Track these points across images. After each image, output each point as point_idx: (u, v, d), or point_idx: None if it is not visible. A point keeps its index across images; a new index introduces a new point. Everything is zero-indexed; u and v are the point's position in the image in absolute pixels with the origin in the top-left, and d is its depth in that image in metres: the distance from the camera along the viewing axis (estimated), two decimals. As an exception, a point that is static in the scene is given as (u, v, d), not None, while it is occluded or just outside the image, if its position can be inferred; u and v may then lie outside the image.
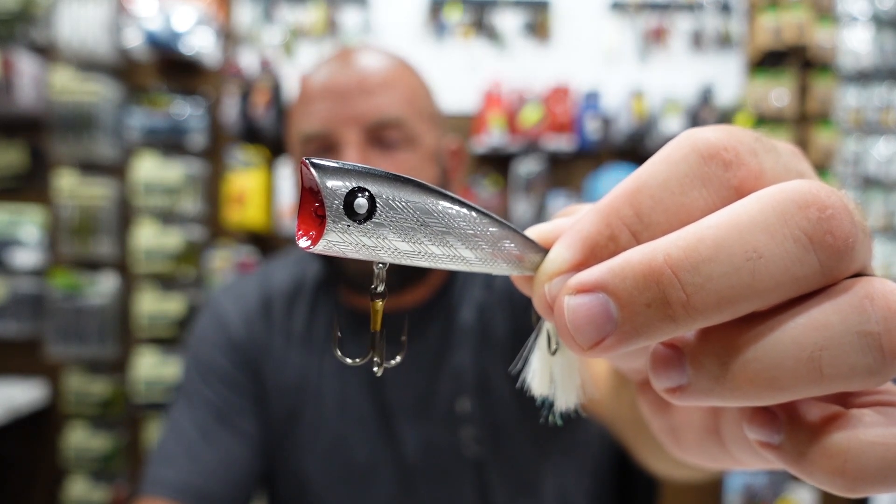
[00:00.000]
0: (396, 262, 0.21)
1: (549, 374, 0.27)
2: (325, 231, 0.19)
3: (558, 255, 0.22)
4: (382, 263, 0.21)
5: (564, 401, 0.27)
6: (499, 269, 0.23)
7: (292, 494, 0.84)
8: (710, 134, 0.21)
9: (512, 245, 0.22)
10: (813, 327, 0.18)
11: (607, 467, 0.89)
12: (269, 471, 0.85)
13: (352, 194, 0.19)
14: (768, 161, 0.21)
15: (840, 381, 0.19)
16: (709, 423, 0.28)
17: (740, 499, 2.38)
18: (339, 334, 0.24)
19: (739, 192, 0.20)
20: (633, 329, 0.19)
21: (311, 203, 0.20)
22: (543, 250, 0.23)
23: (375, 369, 0.24)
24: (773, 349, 0.19)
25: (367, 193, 0.19)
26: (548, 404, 0.27)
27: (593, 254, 0.21)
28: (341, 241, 0.19)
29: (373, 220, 0.20)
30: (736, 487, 2.38)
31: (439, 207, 0.21)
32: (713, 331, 0.20)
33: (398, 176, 0.20)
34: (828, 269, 0.19)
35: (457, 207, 0.21)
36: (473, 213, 0.22)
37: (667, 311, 0.18)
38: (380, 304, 0.23)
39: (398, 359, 0.24)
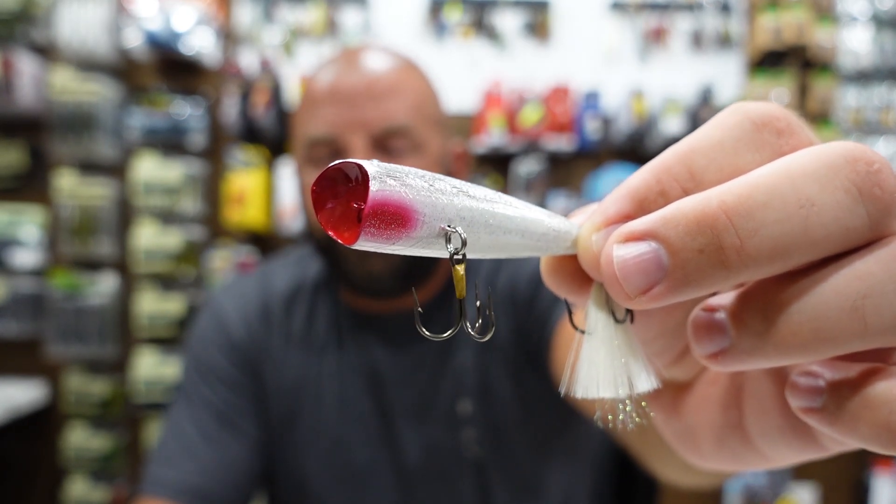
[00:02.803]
0: (462, 223, 0.20)
1: (614, 362, 0.24)
2: (369, 173, 0.18)
3: (608, 207, 0.22)
4: (453, 227, 0.20)
5: (641, 384, 0.24)
6: (538, 241, 0.22)
7: (292, 495, 0.84)
8: (763, 105, 0.22)
9: (549, 215, 0.22)
10: (855, 276, 0.18)
11: (607, 468, 0.89)
12: (268, 471, 0.85)
13: (380, 168, 0.18)
14: (813, 136, 0.22)
15: (884, 332, 0.18)
16: (731, 417, 0.27)
17: (740, 499, 2.38)
18: (419, 310, 0.23)
19: None
20: (683, 276, 0.19)
21: (336, 211, 0.19)
22: (576, 227, 0.23)
23: (476, 337, 0.23)
24: (816, 300, 0.19)
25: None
26: (623, 401, 0.25)
27: (642, 208, 0.21)
28: (389, 185, 0.18)
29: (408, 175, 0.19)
30: (736, 487, 2.38)
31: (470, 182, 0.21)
32: (756, 287, 0.20)
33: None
34: (875, 222, 0.19)
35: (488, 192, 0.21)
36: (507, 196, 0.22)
37: (720, 257, 0.18)
38: (461, 268, 0.21)
39: (480, 322, 0.23)
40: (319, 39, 2.48)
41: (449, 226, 0.19)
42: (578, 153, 2.49)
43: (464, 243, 0.20)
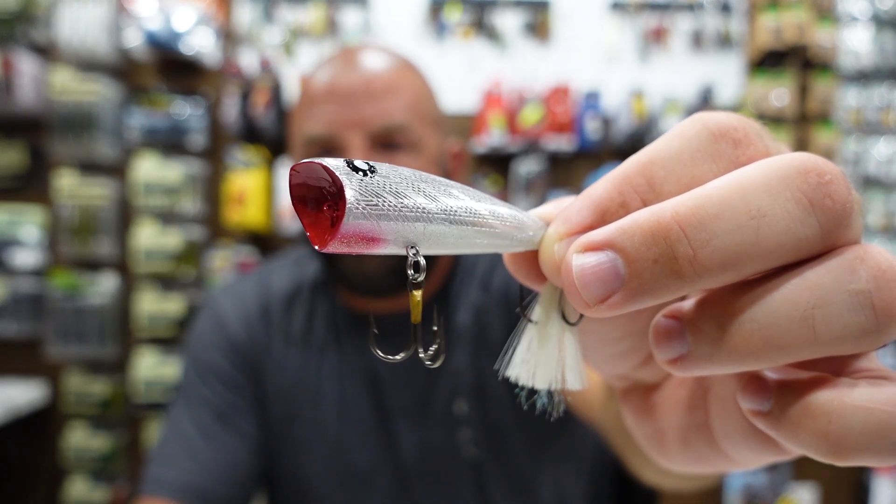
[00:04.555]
0: (425, 241, 0.21)
1: (551, 356, 0.26)
2: (347, 199, 0.19)
3: (570, 217, 0.22)
4: (415, 249, 0.21)
5: (572, 383, 0.26)
6: (503, 241, 0.23)
7: (291, 495, 0.84)
8: (721, 115, 0.22)
9: (513, 216, 0.23)
10: (805, 287, 0.19)
11: (605, 470, 0.89)
12: (268, 471, 0.85)
13: (349, 162, 0.20)
14: (773, 147, 0.22)
15: (834, 341, 0.19)
16: (697, 418, 0.28)
17: (740, 499, 2.38)
18: (375, 331, 0.24)
19: None
20: (639, 285, 0.19)
21: (316, 208, 0.20)
22: (543, 225, 0.23)
23: (428, 362, 0.24)
24: (768, 309, 0.19)
25: (365, 163, 0.20)
26: (546, 392, 0.26)
27: (603, 219, 0.21)
28: (363, 212, 0.19)
29: (378, 173, 0.20)
30: (736, 487, 2.38)
31: (436, 179, 0.21)
32: (712, 296, 0.20)
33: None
34: (826, 233, 0.19)
35: (456, 190, 0.22)
36: (475, 194, 0.22)
37: (674, 267, 0.19)
38: (418, 294, 0.22)
39: (434, 347, 0.24)
40: (319, 39, 2.48)
41: (412, 247, 0.21)
42: (578, 153, 2.49)
43: (423, 269, 0.21)
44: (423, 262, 0.21)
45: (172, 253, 2.26)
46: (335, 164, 0.19)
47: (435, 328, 0.25)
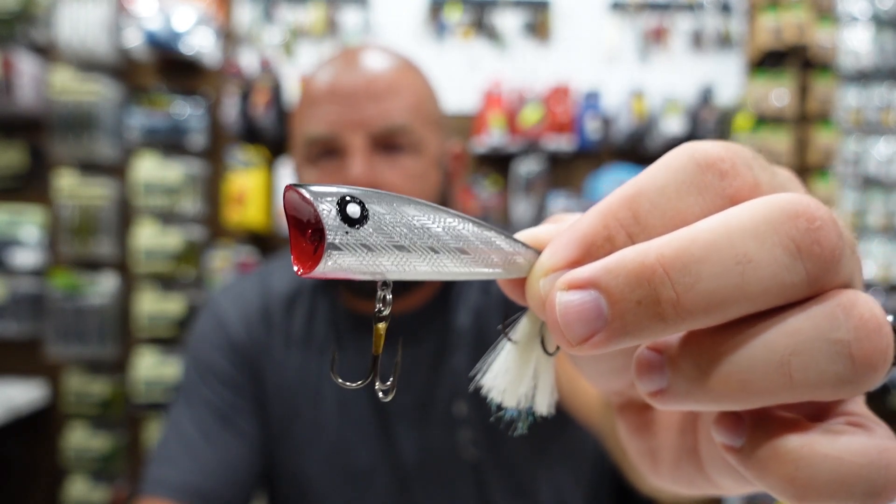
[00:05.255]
0: (398, 275, 0.21)
1: (525, 378, 0.26)
2: (326, 246, 0.19)
3: (555, 253, 0.22)
4: (386, 284, 0.21)
5: (540, 406, 0.27)
6: (490, 273, 0.23)
7: (291, 495, 0.84)
8: (708, 146, 0.22)
9: (500, 247, 0.23)
10: (785, 333, 0.19)
11: (605, 475, 0.88)
12: (268, 471, 0.85)
13: (343, 201, 0.20)
14: (764, 176, 0.22)
15: (811, 388, 0.19)
16: (688, 441, 0.28)
17: (740, 499, 2.38)
18: (335, 355, 0.24)
19: (734, 202, 0.21)
20: (622, 326, 0.19)
21: (302, 233, 0.21)
22: (535, 253, 0.23)
23: (381, 395, 0.24)
24: (747, 353, 0.19)
25: (357, 200, 0.20)
26: (520, 412, 0.27)
27: (589, 253, 0.21)
28: (342, 255, 0.20)
29: (368, 225, 0.20)
30: (736, 487, 2.38)
31: (429, 218, 0.21)
32: (693, 335, 0.20)
33: (379, 191, 0.21)
34: (814, 279, 0.19)
35: (447, 219, 0.22)
36: (466, 223, 0.22)
37: (657, 310, 0.19)
38: (382, 327, 0.22)
39: (390, 381, 0.24)
40: (319, 39, 2.48)
41: (384, 284, 0.21)
42: (578, 153, 2.49)
43: (389, 303, 0.22)
44: (390, 297, 0.22)
45: (172, 253, 2.26)
46: (327, 208, 0.19)
47: (396, 360, 0.25)
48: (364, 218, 0.20)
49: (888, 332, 0.19)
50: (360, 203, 0.20)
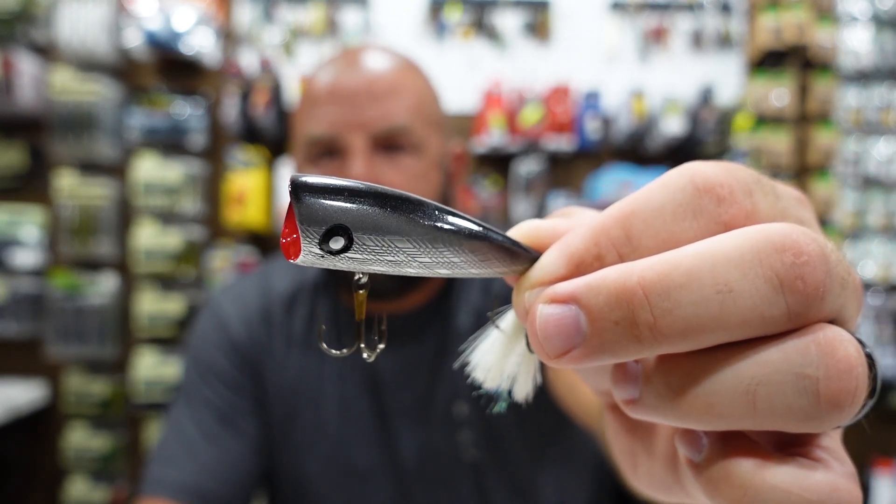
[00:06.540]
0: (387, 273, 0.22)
1: (508, 365, 0.27)
2: (301, 254, 0.19)
3: (544, 267, 0.22)
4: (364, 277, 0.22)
5: (519, 391, 0.27)
6: (488, 273, 0.23)
7: (292, 495, 0.84)
8: (709, 169, 0.21)
9: (499, 259, 0.23)
10: (755, 362, 0.19)
11: (606, 479, 0.88)
12: (268, 471, 0.85)
13: (329, 233, 0.19)
14: (764, 202, 0.22)
15: (774, 419, 0.19)
16: (667, 448, 0.28)
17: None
18: (323, 326, 0.25)
19: (728, 228, 0.21)
20: (599, 344, 0.19)
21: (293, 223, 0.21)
22: (531, 255, 0.24)
23: (365, 356, 0.25)
24: (715, 378, 0.19)
25: (345, 232, 0.19)
26: (497, 394, 0.28)
27: (578, 270, 0.21)
28: (316, 263, 0.20)
29: (347, 254, 0.20)
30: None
31: (420, 235, 0.21)
32: (669, 353, 0.20)
33: (385, 197, 0.20)
34: (794, 314, 0.19)
35: (441, 233, 0.21)
36: (460, 236, 0.21)
37: (633, 332, 0.19)
38: (363, 294, 0.23)
39: (381, 346, 0.25)
40: (319, 39, 2.48)
41: (361, 275, 0.23)
42: (578, 153, 2.49)
43: (366, 285, 0.23)
44: (365, 280, 0.23)
45: (172, 253, 2.26)
46: (309, 238, 0.19)
47: (382, 328, 0.26)
48: (346, 248, 0.20)
49: (860, 373, 0.18)
50: (347, 232, 0.19)
